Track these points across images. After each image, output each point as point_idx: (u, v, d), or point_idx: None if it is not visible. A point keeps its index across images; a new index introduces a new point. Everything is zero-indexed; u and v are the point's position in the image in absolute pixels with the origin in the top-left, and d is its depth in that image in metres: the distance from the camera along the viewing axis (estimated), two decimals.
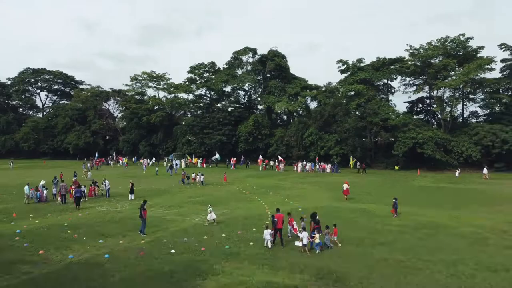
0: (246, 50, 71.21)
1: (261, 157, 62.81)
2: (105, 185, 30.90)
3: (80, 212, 24.56)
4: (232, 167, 61.42)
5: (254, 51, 71.52)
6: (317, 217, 17.70)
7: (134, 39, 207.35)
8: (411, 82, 64.11)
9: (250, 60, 73.02)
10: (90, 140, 79.37)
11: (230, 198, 30.34)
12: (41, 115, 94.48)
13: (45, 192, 30.00)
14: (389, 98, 66.10)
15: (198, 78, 75.57)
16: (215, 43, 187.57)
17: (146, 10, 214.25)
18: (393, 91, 66.46)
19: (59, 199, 28.42)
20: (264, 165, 59.22)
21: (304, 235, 16.20)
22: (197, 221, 21.74)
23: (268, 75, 73.26)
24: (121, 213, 24.23)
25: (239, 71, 73.57)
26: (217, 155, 63.71)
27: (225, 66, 74.34)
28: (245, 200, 29.33)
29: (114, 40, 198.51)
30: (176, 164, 63.45)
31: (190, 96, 77.81)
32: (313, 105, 72.14)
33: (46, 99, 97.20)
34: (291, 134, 64.75)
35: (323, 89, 69.38)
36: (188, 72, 74.56)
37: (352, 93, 60.96)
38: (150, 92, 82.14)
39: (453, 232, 19.39)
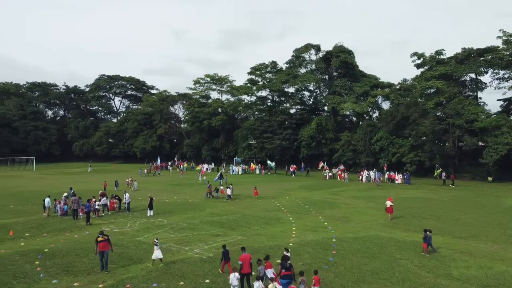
0: (308, 47, 65.44)
1: (323, 164, 56.91)
2: (125, 198, 28.34)
3: (78, 233, 21.93)
4: (292, 175, 56.56)
5: (317, 48, 65.42)
6: (288, 261, 12.71)
7: (218, 44, 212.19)
8: (506, 75, 53.20)
9: (313, 57, 67.22)
10: (157, 144, 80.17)
11: (258, 218, 25.72)
12: (115, 120, 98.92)
13: None
14: (478, 96, 55.90)
15: (260, 79, 71.93)
16: (297, 45, 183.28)
17: (228, 15, 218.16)
18: (482, 87, 55.97)
19: (80, 213, 26.41)
20: (325, 173, 53.39)
21: (259, 286, 11.52)
22: (193, 254, 17.66)
23: (334, 74, 66.85)
24: (121, 235, 21.09)
25: (302, 70, 68.13)
26: (270, 163, 59.63)
27: (286, 66, 69.48)
28: (274, 222, 24.50)
29: (200, 45, 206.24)
30: (233, 171, 60.56)
31: (253, 98, 74.64)
32: (385, 105, 64.14)
33: (120, 104, 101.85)
34: (359, 138, 57.81)
35: (397, 87, 61.14)
36: (249, 73, 71.20)
37: (431, 90, 52.57)
38: (215, 95, 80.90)
39: None
